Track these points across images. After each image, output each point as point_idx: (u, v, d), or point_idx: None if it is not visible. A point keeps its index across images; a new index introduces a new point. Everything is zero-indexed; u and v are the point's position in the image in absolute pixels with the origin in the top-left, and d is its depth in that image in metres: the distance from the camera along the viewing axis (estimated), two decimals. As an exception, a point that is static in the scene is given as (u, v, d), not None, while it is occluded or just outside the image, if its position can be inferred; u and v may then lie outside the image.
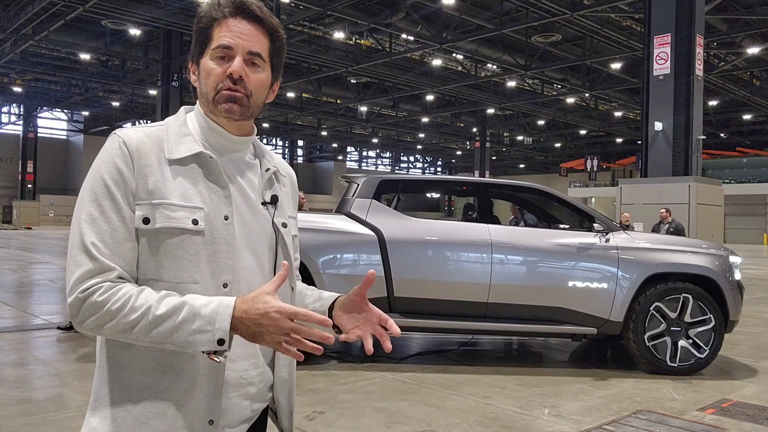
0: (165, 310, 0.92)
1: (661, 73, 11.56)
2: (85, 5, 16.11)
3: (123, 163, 0.99)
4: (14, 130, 40.44)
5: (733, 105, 28.23)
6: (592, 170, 39.04)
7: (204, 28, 1.04)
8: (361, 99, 27.48)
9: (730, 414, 3.70)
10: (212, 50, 1.03)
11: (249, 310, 0.91)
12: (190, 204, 1.00)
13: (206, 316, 0.91)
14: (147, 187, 0.99)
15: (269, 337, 0.91)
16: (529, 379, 4.45)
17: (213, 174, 1.04)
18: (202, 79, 1.04)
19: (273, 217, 1.11)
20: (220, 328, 0.90)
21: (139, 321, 0.92)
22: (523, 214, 10.03)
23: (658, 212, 10.43)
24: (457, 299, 4.64)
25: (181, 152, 1.02)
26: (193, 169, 1.03)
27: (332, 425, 3.35)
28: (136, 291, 0.94)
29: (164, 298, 0.94)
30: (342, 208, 4.96)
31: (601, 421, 3.52)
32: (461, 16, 17.14)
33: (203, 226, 1.00)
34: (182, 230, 0.99)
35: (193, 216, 1.00)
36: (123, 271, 0.96)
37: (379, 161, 57.16)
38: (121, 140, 1.00)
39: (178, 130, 1.05)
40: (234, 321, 0.91)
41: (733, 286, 4.77)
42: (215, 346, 0.91)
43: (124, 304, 0.92)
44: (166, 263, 0.99)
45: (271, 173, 1.14)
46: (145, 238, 0.98)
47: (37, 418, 3.35)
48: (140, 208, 0.98)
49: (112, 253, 0.95)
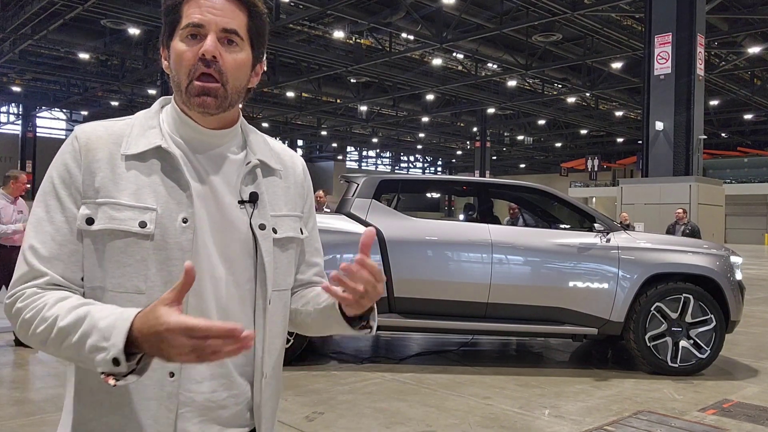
0: (69, 322, 0.80)
1: (661, 72, 11.55)
2: (84, 5, 16.09)
3: (72, 159, 0.91)
4: (13, 129, 40.44)
5: (734, 105, 28.20)
6: (592, 170, 39.01)
7: (172, 7, 0.92)
8: (361, 99, 27.46)
9: (731, 414, 3.69)
10: (181, 30, 0.91)
11: (143, 327, 0.75)
12: (140, 204, 0.89)
13: (102, 330, 0.77)
14: (94, 185, 0.89)
15: (177, 358, 0.74)
16: (529, 379, 4.44)
17: (173, 171, 0.92)
18: (173, 64, 0.92)
19: (251, 218, 0.96)
20: (114, 345, 0.74)
21: (48, 333, 0.81)
22: (522, 214, 10.01)
23: (658, 212, 10.42)
24: (457, 299, 4.63)
25: (139, 146, 0.91)
26: (152, 165, 0.91)
27: (332, 426, 3.34)
28: (53, 299, 0.83)
29: (73, 309, 0.81)
30: (342, 208, 4.94)
31: (601, 421, 3.51)
32: (461, 16, 17.11)
33: (152, 229, 0.88)
34: (126, 233, 0.88)
35: (142, 218, 0.88)
36: (57, 276, 0.87)
37: (379, 161, 57.15)
38: (74, 136, 0.93)
39: (144, 122, 0.95)
40: (135, 336, 0.75)
41: (734, 286, 4.76)
42: (110, 367, 0.75)
43: (36, 314, 0.82)
44: (111, 270, 0.88)
45: (252, 167, 0.98)
46: (89, 240, 0.89)
47: (36, 419, 3.34)
48: (86, 207, 0.89)
49: (50, 256, 0.87)
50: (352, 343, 5.72)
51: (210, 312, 0.92)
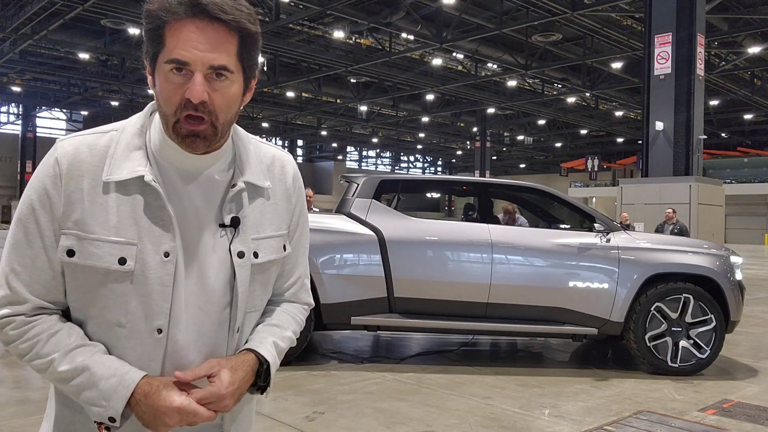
0: (67, 369, 0.86)
1: (661, 72, 11.54)
2: (84, 4, 16.09)
3: (51, 184, 0.87)
4: (13, 129, 40.43)
5: (734, 105, 28.20)
6: (592, 170, 39.01)
7: (153, 30, 0.84)
8: (361, 99, 27.46)
9: (731, 414, 3.69)
10: (166, 63, 0.84)
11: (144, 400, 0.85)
12: (120, 239, 0.86)
13: (103, 391, 0.85)
14: (74, 216, 0.86)
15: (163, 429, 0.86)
16: (529, 379, 4.44)
17: (155, 201, 0.88)
18: (159, 96, 0.86)
19: (230, 244, 0.93)
20: (113, 408, 0.85)
21: (46, 368, 0.88)
22: (514, 217, 10.01)
23: (658, 212, 10.42)
24: (458, 299, 4.63)
25: (122, 173, 0.87)
26: (133, 194, 0.87)
27: (332, 426, 3.34)
28: (46, 335, 0.87)
29: (68, 354, 0.87)
30: (342, 208, 4.94)
31: (601, 421, 3.51)
32: (461, 16, 17.11)
33: (132, 266, 0.86)
34: (107, 270, 0.86)
35: (122, 254, 0.86)
36: (41, 300, 0.88)
37: (379, 161, 57.14)
38: (56, 157, 0.88)
39: (130, 140, 0.90)
40: (132, 401, 0.85)
41: (734, 286, 4.76)
42: (106, 422, 0.86)
43: (31, 347, 0.87)
44: (92, 300, 0.89)
45: (237, 191, 0.93)
46: (69, 270, 0.88)
47: (36, 419, 3.34)
48: (65, 239, 0.87)
49: (32, 280, 0.87)
50: (353, 343, 5.72)
51: (189, 341, 0.92)
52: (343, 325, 4.69)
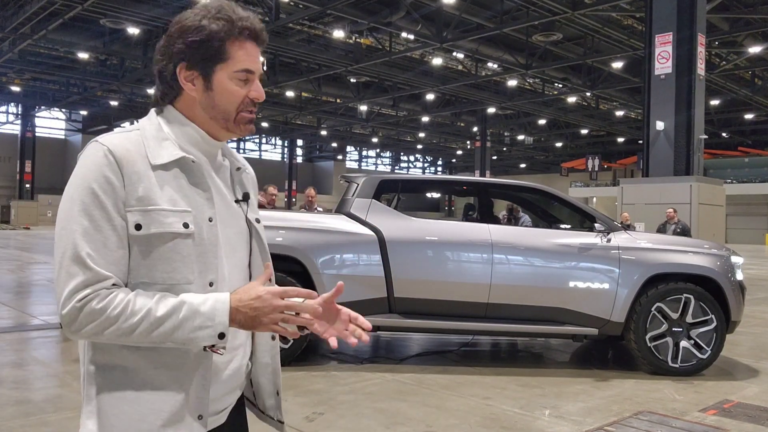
0: (165, 311, 0.97)
1: (662, 72, 11.53)
2: (84, 4, 16.09)
3: (111, 171, 1.00)
4: (12, 129, 40.40)
5: (735, 104, 28.19)
6: (593, 170, 39.00)
7: (215, 39, 1.06)
8: (361, 98, 27.45)
9: (731, 415, 3.68)
10: (235, 72, 1.07)
11: (242, 298, 1.00)
12: (179, 208, 1.04)
13: (206, 313, 0.98)
14: (137, 194, 1.01)
15: (266, 318, 1.00)
16: (529, 379, 4.43)
17: (196, 177, 1.08)
18: (217, 96, 1.08)
19: (246, 214, 1.17)
20: (221, 323, 0.98)
21: (140, 323, 0.96)
22: (517, 215, 9.98)
23: (659, 212, 10.40)
24: (458, 299, 4.62)
25: (164, 157, 1.05)
26: (177, 174, 1.06)
27: (332, 426, 3.33)
28: (132, 296, 0.98)
29: (161, 300, 0.98)
30: (342, 208, 4.94)
31: (602, 422, 3.50)
32: (461, 15, 17.10)
33: (193, 229, 1.04)
34: (175, 234, 1.02)
35: (184, 220, 1.03)
36: (117, 278, 0.99)
37: (379, 161, 57.13)
38: (107, 149, 1.02)
39: (156, 134, 1.07)
40: (231, 312, 0.99)
41: (735, 286, 4.75)
42: (216, 340, 0.99)
43: (123, 309, 0.96)
44: (160, 266, 1.02)
45: (239, 171, 1.19)
46: (137, 244, 1.01)
47: (35, 419, 3.33)
48: (132, 215, 1.01)
49: (106, 261, 0.98)
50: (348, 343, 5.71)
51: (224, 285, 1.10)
52: (343, 325, 4.67)
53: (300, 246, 4.52)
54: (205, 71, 1.07)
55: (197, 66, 1.07)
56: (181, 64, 1.06)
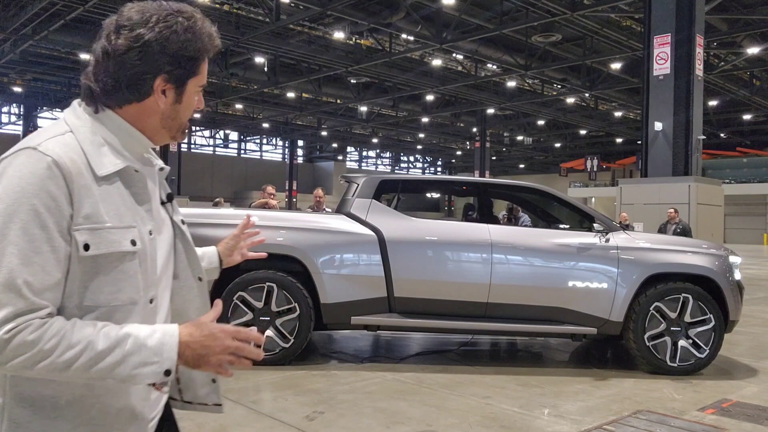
0: (107, 345, 0.88)
1: (661, 73, 11.55)
2: (85, 5, 16.10)
3: (56, 187, 0.90)
4: (14, 130, 40.39)
5: (733, 105, 28.20)
6: (592, 170, 39.01)
7: (196, 57, 1.03)
8: (361, 99, 27.46)
9: (730, 414, 3.70)
10: (200, 86, 1.07)
11: (194, 333, 0.93)
12: (125, 224, 0.96)
13: (152, 347, 0.90)
14: (85, 211, 0.92)
15: (214, 358, 0.94)
16: (529, 379, 4.45)
17: (137, 188, 1.01)
18: (182, 108, 1.05)
19: (172, 216, 1.12)
20: (169, 358, 0.91)
21: (77, 358, 0.87)
22: (517, 215, 10.00)
23: (657, 212, 10.43)
24: (457, 299, 4.64)
25: (107, 167, 0.97)
26: (119, 185, 0.98)
27: (332, 425, 3.35)
28: (69, 326, 0.88)
29: (102, 331, 0.89)
30: (342, 208, 4.96)
31: (601, 421, 3.52)
32: (461, 16, 17.12)
33: (140, 245, 0.98)
34: (123, 253, 0.95)
35: (131, 237, 0.97)
36: (53, 307, 0.90)
37: (379, 161, 57.14)
38: (50, 160, 0.90)
39: (91, 138, 0.98)
40: (180, 347, 0.92)
41: (733, 286, 4.77)
42: (161, 378, 0.91)
43: (59, 342, 0.86)
44: (105, 288, 0.94)
45: (162, 170, 1.13)
46: (82, 266, 0.92)
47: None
48: (80, 234, 0.91)
49: (43, 288, 0.88)
50: (352, 342, 5.73)
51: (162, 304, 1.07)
52: (343, 325, 4.70)
53: (300, 246, 4.53)
54: (180, 85, 1.03)
55: (175, 79, 1.02)
56: (163, 76, 1.00)
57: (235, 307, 4.49)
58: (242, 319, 4.50)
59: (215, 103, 30.82)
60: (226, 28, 18.60)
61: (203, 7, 18.52)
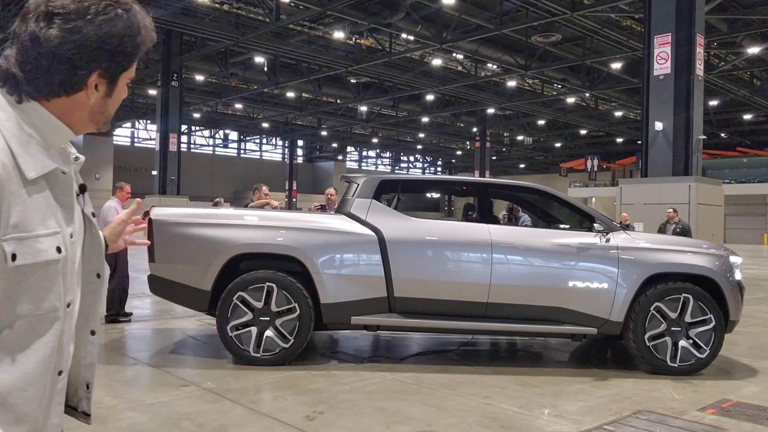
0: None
1: (661, 73, 11.55)
2: (85, 5, 16.09)
3: None
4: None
5: (734, 105, 28.23)
6: (592, 170, 39.05)
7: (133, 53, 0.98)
8: (361, 99, 27.48)
9: (730, 414, 3.70)
10: (130, 79, 1.03)
11: None
12: (50, 230, 0.90)
13: None
14: (13, 219, 0.85)
15: None
16: (529, 379, 4.45)
17: (62, 189, 0.94)
18: (111, 102, 0.99)
19: (83, 208, 1.04)
20: None
21: None
22: (517, 215, 9.99)
23: (658, 212, 10.43)
24: (457, 299, 4.64)
25: (36, 169, 0.89)
26: (43, 187, 0.91)
27: (332, 425, 3.35)
28: None
29: None
30: (342, 208, 4.95)
31: (601, 421, 3.52)
32: (461, 16, 17.14)
33: (64, 252, 0.92)
34: (49, 261, 0.90)
35: (57, 243, 0.91)
36: None
37: (379, 161, 57.16)
38: None
39: (18, 133, 0.89)
40: None
41: (734, 286, 4.77)
42: None
43: None
44: (28, 297, 0.88)
45: (79, 162, 1.04)
46: (6, 276, 0.86)
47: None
48: (8, 245, 0.85)
49: None
50: (352, 342, 5.73)
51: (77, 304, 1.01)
52: (343, 324, 4.70)
53: (300, 246, 4.54)
54: (114, 79, 0.97)
55: (109, 75, 0.96)
56: (99, 71, 0.94)
57: (235, 307, 4.50)
58: (242, 319, 4.50)
59: (215, 103, 30.81)
60: (226, 28, 18.60)
61: (203, 6, 18.52)
